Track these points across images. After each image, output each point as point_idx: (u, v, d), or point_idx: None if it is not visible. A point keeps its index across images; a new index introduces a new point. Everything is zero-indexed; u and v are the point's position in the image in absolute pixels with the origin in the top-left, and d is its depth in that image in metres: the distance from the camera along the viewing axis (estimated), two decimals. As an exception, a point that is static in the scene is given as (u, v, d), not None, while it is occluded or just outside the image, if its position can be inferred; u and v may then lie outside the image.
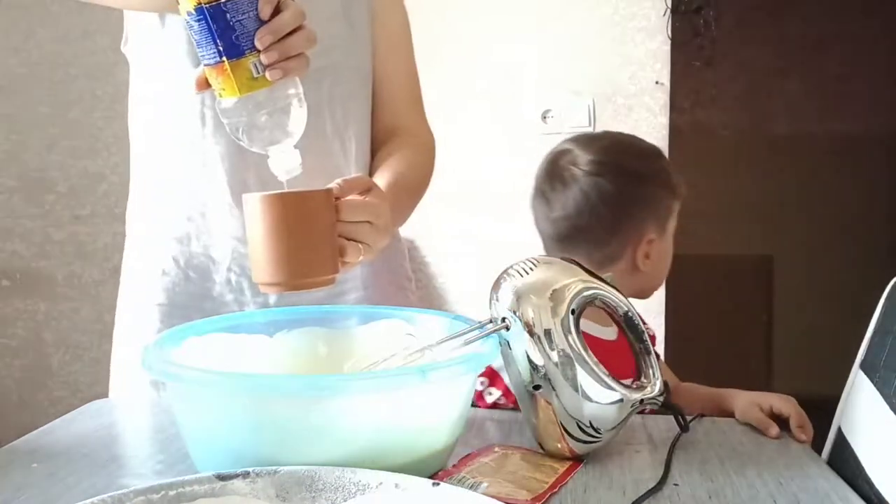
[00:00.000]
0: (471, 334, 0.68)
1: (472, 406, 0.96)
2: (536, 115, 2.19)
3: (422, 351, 0.67)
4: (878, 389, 0.73)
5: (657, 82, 2.12)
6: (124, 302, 1.01)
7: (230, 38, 0.66)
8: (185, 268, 0.95)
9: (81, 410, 0.89)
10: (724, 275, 3.05)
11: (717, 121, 3.21)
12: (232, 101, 0.69)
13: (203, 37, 0.66)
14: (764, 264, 3.43)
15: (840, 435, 0.78)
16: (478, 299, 2.48)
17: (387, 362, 0.66)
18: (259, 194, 0.71)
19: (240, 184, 0.92)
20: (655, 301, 1.84)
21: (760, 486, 0.66)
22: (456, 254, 2.29)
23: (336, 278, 0.74)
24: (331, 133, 0.95)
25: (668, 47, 2.11)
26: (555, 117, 2.18)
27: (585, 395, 0.68)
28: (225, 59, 0.66)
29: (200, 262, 0.95)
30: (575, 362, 0.67)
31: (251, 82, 0.68)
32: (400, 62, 1.05)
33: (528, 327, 0.68)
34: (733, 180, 3.18)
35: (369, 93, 1.02)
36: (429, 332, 0.75)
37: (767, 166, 3.30)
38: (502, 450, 0.73)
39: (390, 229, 0.82)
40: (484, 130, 2.23)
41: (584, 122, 2.17)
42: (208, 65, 0.68)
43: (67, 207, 2.34)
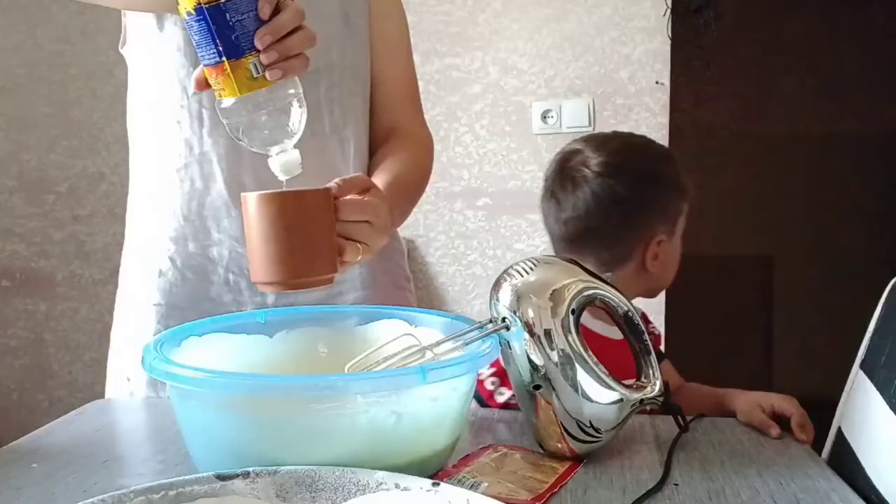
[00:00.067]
0: (471, 334, 0.68)
1: (484, 405, 0.96)
2: (536, 115, 2.20)
3: (422, 351, 0.67)
4: (878, 389, 0.73)
5: (657, 82, 2.13)
6: (122, 302, 1.01)
7: (230, 39, 0.66)
8: (183, 268, 0.95)
9: (81, 410, 0.89)
10: (724, 275, 3.06)
11: (717, 121, 3.22)
12: (232, 102, 0.69)
13: (202, 37, 0.66)
14: (764, 264, 3.43)
15: (840, 435, 0.78)
16: (478, 299, 2.48)
17: (387, 362, 0.66)
18: (257, 193, 0.70)
19: (237, 183, 0.92)
20: (655, 301, 1.84)
21: (760, 486, 0.66)
22: (456, 254, 2.29)
23: (335, 278, 0.74)
24: (329, 133, 0.95)
25: (668, 47, 2.11)
26: (555, 117, 2.18)
27: (585, 395, 0.68)
28: (225, 59, 0.66)
29: (198, 263, 0.95)
30: (575, 362, 0.68)
31: (251, 82, 0.68)
32: (398, 62, 1.05)
33: (528, 327, 0.68)
34: (733, 180, 3.18)
35: (367, 93, 1.02)
36: (429, 332, 0.75)
37: (767, 166, 3.31)
38: (502, 450, 0.73)
39: (389, 229, 0.82)
40: (484, 130, 2.24)
41: (584, 122, 2.17)
42: (208, 65, 0.68)
43: (67, 207, 2.34)
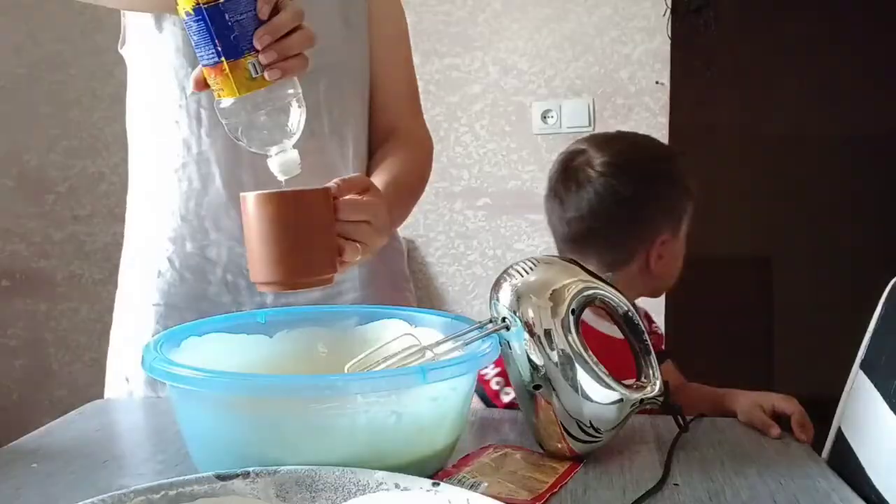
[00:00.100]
0: (471, 334, 0.68)
1: (490, 405, 0.96)
2: (536, 115, 2.19)
3: (422, 351, 0.67)
4: (878, 389, 0.72)
5: (657, 82, 2.12)
6: (122, 303, 1.01)
7: (228, 39, 0.66)
8: (181, 269, 0.95)
9: (81, 410, 0.89)
10: (724, 275, 3.05)
11: (717, 121, 3.21)
12: (230, 102, 0.69)
13: (201, 37, 0.66)
14: (764, 264, 3.43)
15: (840, 435, 0.78)
16: (478, 299, 2.48)
17: (387, 362, 0.66)
18: (256, 193, 0.70)
19: (235, 183, 0.92)
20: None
21: (760, 486, 0.66)
22: (456, 254, 2.29)
23: (334, 278, 0.74)
24: (328, 133, 0.95)
25: (668, 47, 2.11)
26: (555, 117, 2.18)
27: (585, 395, 0.68)
28: (223, 59, 0.66)
29: (196, 263, 0.95)
30: (575, 362, 0.67)
31: (250, 82, 0.67)
32: (397, 62, 1.05)
33: (528, 327, 0.68)
34: (733, 180, 3.18)
35: (366, 93, 1.02)
36: (429, 332, 0.75)
37: (767, 166, 3.30)
38: (502, 450, 0.73)
39: (388, 229, 0.82)
40: (484, 130, 2.24)
41: (584, 122, 2.17)
42: (207, 65, 0.68)
43: (67, 207, 2.34)
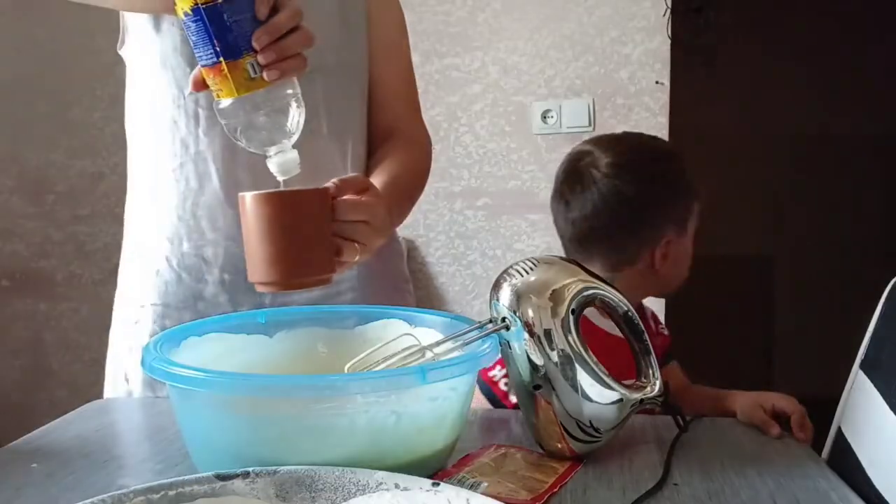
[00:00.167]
0: (471, 334, 0.68)
1: (499, 406, 0.96)
2: (536, 115, 2.19)
3: (422, 351, 0.67)
4: (878, 389, 0.72)
5: (657, 82, 2.13)
6: (121, 302, 1.01)
7: (227, 39, 0.66)
8: (178, 268, 0.95)
9: (81, 410, 0.89)
10: (724, 275, 3.05)
11: (717, 121, 3.22)
12: (229, 102, 0.69)
13: (200, 37, 0.66)
14: (764, 264, 3.43)
15: (840, 435, 0.78)
16: (478, 299, 2.48)
17: (387, 362, 0.66)
18: (254, 193, 0.70)
19: (232, 182, 0.92)
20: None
21: (760, 486, 0.66)
22: (456, 254, 2.29)
23: (332, 278, 0.74)
24: (327, 133, 0.95)
25: (668, 47, 2.11)
26: (555, 117, 2.18)
27: (585, 395, 0.68)
28: (222, 59, 0.66)
29: (192, 263, 0.95)
30: (575, 362, 0.67)
31: (248, 83, 0.67)
32: (396, 63, 1.05)
33: (528, 327, 0.68)
34: (733, 180, 3.18)
35: (365, 93, 1.02)
36: (428, 332, 0.75)
37: (767, 166, 3.31)
38: (502, 450, 0.73)
39: (387, 229, 0.82)
40: (484, 130, 2.24)
41: (584, 122, 2.17)
42: (205, 65, 0.68)
43: (67, 207, 2.34)
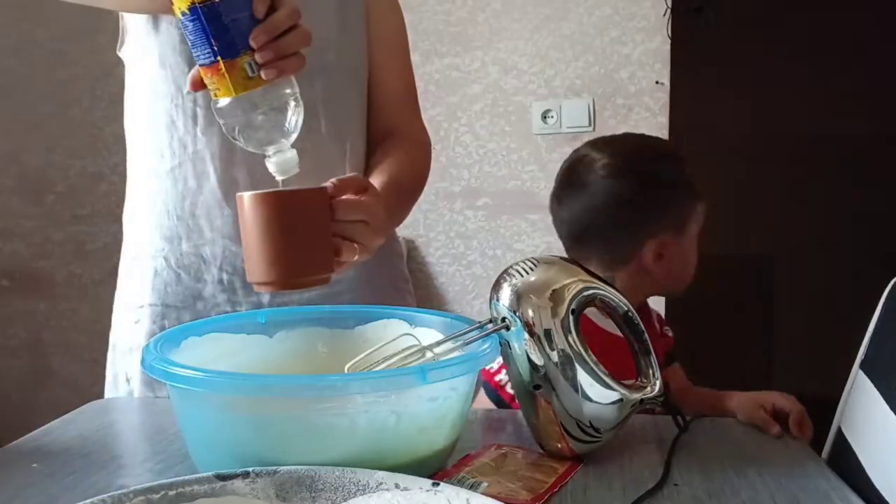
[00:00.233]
0: (471, 334, 0.68)
1: (505, 408, 0.96)
2: (536, 115, 2.20)
3: (422, 351, 0.67)
4: (878, 389, 0.72)
5: (657, 82, 2.13)
6: (120, 302, 1.01)
7: (224, 38, 0.65)
8: (177, 268, 0.95)
9: (81, 410, 0.89)
10: (724, 275, 3.05)
11: (717, 121, 3.21)
12: (227, 102, 0.68)
13: (197, 37, 0.66)
14: (764, 264, 3.43)
15: (840, 435, 0.78)
16: (478, 299, 2.47)
17: (387, 362, 0.66)
18: (252, 193, 0.70)
19: (230, 182, 0.92)
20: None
21: (760, 486, 0.66)
22: (456, 254, 2.29)
23: (330, 278, 0.73)
24: (326, 133, 0.95)
25: (668, 47, 2.11)
26: (555, 117, 2.18)
27: (585, 395, 0.68)
28: (220, 58, 0.66)
29: (191, 262, 0.95)
30: (575, 362, 0.67)
31: (246, 82, 0.67)
32: (395, 62, 1.05)
33: (528, 327, 0.68)
34: (733, 180, 3.18)
35: (364, 93, 1.01)
36: (428, 332, 0.75)
37: (767, 166, 3.30)
38: (502, 450, 0.73)
39: (386, 229, 0.82)
40: (484, 130, 2.24)
41: (584, 122, 2.17)
42: (203, 65, 0.68)
43: (67, 207, 2.34)
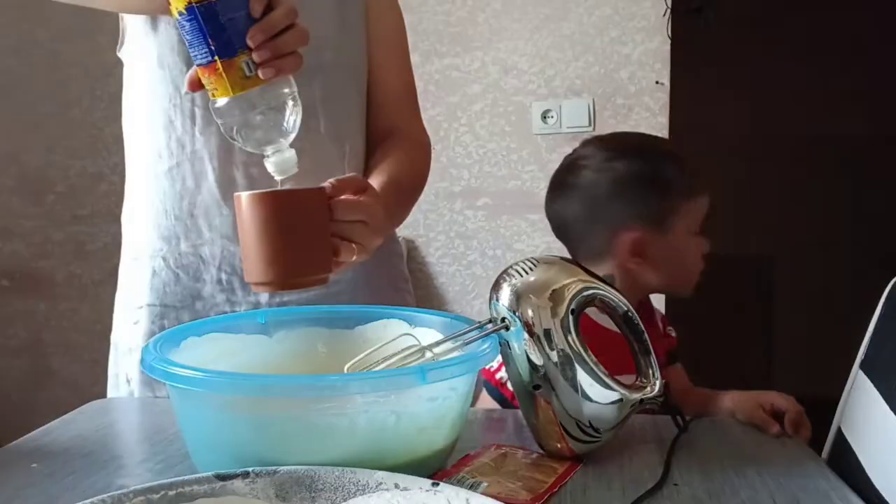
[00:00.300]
0: (470, 334, 0.68)
1: (509, 408, 0.95)
2: (536, 115, 2.20)
3: (421, 351, 0.67)
4: (878, 389, 0.72)
5: (657, 82, 2.13)
6: (120, 302, 1.01)
7: (222, 37, 0.65)
8: (175, 268, 0.95)
9: (81, 410, 0.89)
10: (724, 275, 3.05)
11: (717, 121, 3.22)
12: (225, 101, 0.68)
13: (195, 36, 0.66)
14: (764, 264, 3.43)
15: (840, 435, 0.78)
16: (478, 299, 2.47)
17: (386, 362, 0.66)
18: (250, 193, 0.70)
19: (228, 181, 0.92)
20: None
21: (760, 486, 0.66)
22: (456, 254, 2.29)
23: (329, 278, 0.73)
24: (324, 132, 0.95)
25: (668, 47, 2.11)
26: (555, 117, 2.18)
27: (585, 395, 0.68)
28: (217, 58, 0.66)
29: (190, 262, 0.95)
30: (574, 362, 0.67)
31: (244, 81, 0.67)
32: (394, 62, 1.05)
33: (528, 327, 0.68)
34: (733, 180, 3.18)
35: (364, 93, 1.01)
36: (428, 332, 0.75)
37: (767, 166, 3.30)
38: (502, 450, 0.73)
39: (385, 229, 0.81)
40: (484, 130, 2.24)
41: (584, 122, 2.17)
42: (200, 64, 0.68)
43: (67, 207, 2.34)
